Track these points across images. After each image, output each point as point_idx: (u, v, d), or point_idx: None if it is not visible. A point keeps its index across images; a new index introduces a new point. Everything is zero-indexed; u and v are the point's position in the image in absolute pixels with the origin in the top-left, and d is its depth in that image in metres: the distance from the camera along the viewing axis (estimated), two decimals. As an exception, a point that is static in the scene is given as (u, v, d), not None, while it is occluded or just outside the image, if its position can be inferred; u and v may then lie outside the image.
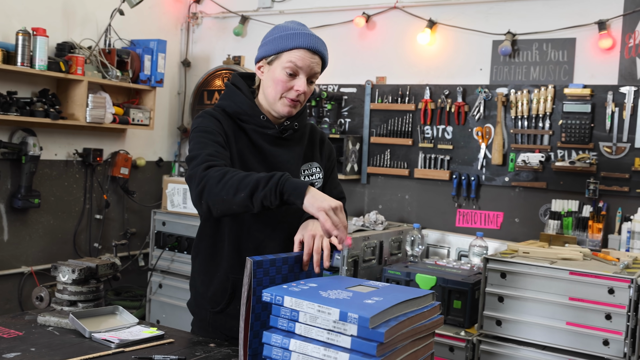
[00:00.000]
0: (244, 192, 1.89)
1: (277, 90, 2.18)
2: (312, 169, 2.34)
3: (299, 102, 2.20)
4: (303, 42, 2.15)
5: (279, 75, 2.16)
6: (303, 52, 2.15)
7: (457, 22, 4.54)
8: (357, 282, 1.76)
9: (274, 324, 1.58)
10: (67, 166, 4.75)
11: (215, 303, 2.27)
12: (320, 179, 2.35)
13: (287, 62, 2.14)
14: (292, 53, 2.15)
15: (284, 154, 2.28)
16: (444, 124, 4.54)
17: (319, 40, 2.20)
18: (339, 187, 2.44)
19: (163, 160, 5.58)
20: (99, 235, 5.01)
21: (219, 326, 2.28)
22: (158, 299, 4.77)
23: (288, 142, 2.30)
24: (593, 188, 3.99)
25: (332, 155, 2.46)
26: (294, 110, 2.22)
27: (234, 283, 2.22)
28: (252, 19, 5.38)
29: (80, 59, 4.38)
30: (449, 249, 4.39)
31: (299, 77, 2.16)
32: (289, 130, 2.27)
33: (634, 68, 4.00)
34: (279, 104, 2.20)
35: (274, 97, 2.20)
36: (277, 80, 2.17)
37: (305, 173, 2.32)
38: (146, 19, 5.26)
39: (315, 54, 2.17)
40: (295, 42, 2.15)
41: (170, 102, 5.65)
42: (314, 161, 2.36)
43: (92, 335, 2.09)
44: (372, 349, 1.44)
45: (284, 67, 2.15)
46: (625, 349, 3.06)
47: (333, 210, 1.82)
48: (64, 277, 2.31)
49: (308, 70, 2.16)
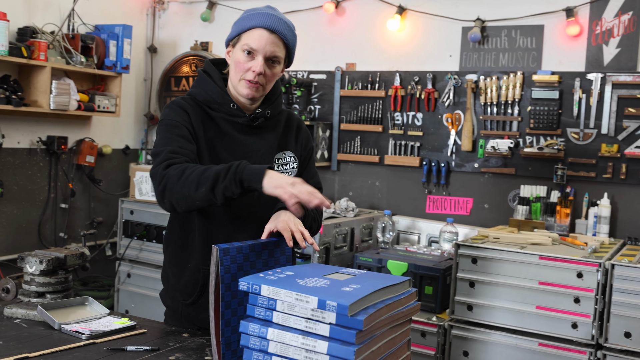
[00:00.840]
0: (205, 186, 1.90)
1: (237, 71, 2.16)
2: (286, 157, 2.30)
3: (259, 84, 2.14)
4: (260, 22, 2.11)
5: (238, 56, 2.14)
6: (260, 32, 2.11)
7: (427, 8, 4.53)
8: (334, 270, 1.74)
9: (251, 313, 1.56)
10: (31, 154, 4.65)
11: (186, 295, 2.25)
12: (294, 168, 2.31)
13: (244, 44, 2.12)
14: (249, 33, 2.12)
15: (255, 142, 2.23)
16: (414, 111, 4.54)
17: (280, 20, 2.14)
18: (315, 177, 2.40)
19: (130, 148, 5.50)
20: (64, 225, 4.92)
21: (191, 317, 2.26)
22: (127, 288, 4.71)
23: (260, 130, 2.26)
24: (561, 174, 4.03)
25: (309, 144, 2.41)
26: (255, 93, 2.16)
27: (204, 275, 2.20)
28: (219, 4, 5.31)
29: (42, 44, 4.28)
30: (419, 235, 4.40)
31: (256, 58, 2.12)
32: (260, 118, 2.23)
33: (600, 55, 4.03)
34: (240, 86, 2.17)
35: (235, 80, 2.18)
36: (237, 62, 2.15)
37: (279, 162, 2.28)
38: (110, 4, 5.16)
39: (273, 33, 2.12)
40: (252, 22, 2.13)
41: (136, 88, 5.57)
42: (288, 150, 2.31)
43: (62, 327, 2.05)
44: (351, 337, 1.42)
45: (242, 49, 2.13)
46: (593, 331, 3.11)
47: (292, 185, 1.84)
48: (32, 268, 2.25)
49: (265, 50, 2.11)
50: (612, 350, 3.10)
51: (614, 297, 3.07)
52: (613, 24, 4.00)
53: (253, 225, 2.20)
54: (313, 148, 2.45)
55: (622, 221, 3.93)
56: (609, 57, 4.01)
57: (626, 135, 3.91)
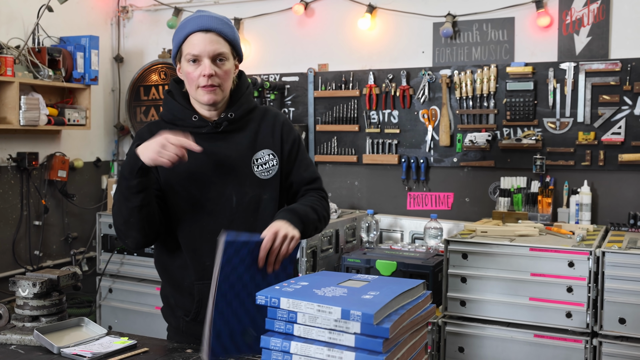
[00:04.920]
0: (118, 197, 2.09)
1: (191, 83, 2.16)
2: (264, 157, 2.24)
3: (215, 85, 2.13)
4: (192, 27, 2.12)
5: (186, 68, 2.15)
6: (195, 37, 2.10)
7: (397, 5, 4.53)
8: (347, 277, 1.72)
9: (271, 327, 1.53)
10: (1, 172, 4.53)
11: (186, 312, 2.24)
12: (274, 165, 2.25)
13: (186, 54, 2.13)
14: (187, 42, 2.13)
15: (226, 148, 2.20)
16: (390, 108, 4.53)
17: (211, 18, 2.13)
18: (310, 167, 2.36)
19: (101, 160, 5.39)
20: (39, 242, 4.80)
21: (193, 332, 2.22)
22: (109, 304, 4.61)
23: (230, 134, 2.22)
24: (540, 164, 4.06)
25: (292, 136, 2.33)
26: (215, 97, 2.15)
27: (199, 291, 2.19)
28: (186, 11, 5.23)
29: (9, 60, 4.17)
30: (402, 233, 4.40)
31: (203, 62, 2.11)
32: (223, 122, 2.20)
33: (572, 44, 4.07)
34: (198, 95, 2.16)
35: (193, 91, 2.17)
36: (187, 74, 2.15)
37: (257, 162, 2.22)
38: (74, 15, 5.05)
39: (209, 32, 2.11)
40: (185, 30, 2.13)
41: (104, 99, 5.46)
42: (266, 148, 2.25)
43: (62, 351, 1.99)
44: (379, 346, 1.40)
45: (186, 59, 2.13)
46: (588, 319, 3.14)
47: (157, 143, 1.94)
48: (24, 291, 2.18)
49: (207, 51, 2.10)
50: (607, 337, 3.12)
51: (607, 284, 3.10)
52: (583, 13, 4.05)
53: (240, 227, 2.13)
54: (298, 139, 2.36)
55: (602, 207, 3.98)
56: (580, 46, 4.05)
57: (602, 123, 3.96)
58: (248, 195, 2.19)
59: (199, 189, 2.18)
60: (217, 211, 2.18)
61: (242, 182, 2.20)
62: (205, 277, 2.17)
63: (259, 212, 2.21)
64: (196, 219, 2.19)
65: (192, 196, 2.18)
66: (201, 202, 2.19)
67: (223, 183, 2.18)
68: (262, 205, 2.21)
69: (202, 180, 2.18)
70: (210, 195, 2.18)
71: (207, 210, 2.19)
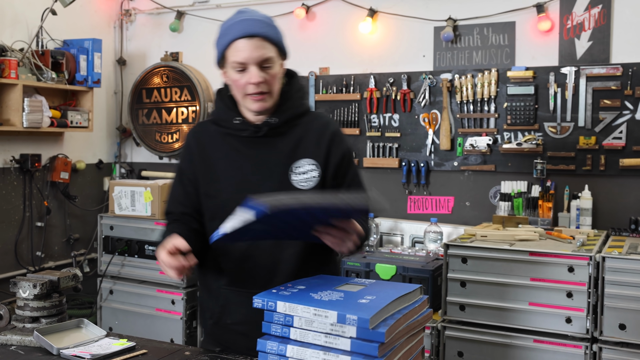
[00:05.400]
0: None
1: (238, 90, 2.11)
2: (305, 166, 2.15)
3: (263, 92, 2.07)
4: (236, 33, 2.04)
5: (232, 76, 2.09)
6: (239, 44, 2.03)
7: (398, 9, 4.54)
8: (344, 281, 1.73)
9: (267, 330, 1.54)
10: (4, 174, 4.55)
11: (212, 314, 2.25)
12: (315, 177, 2.14)
13: (232, 62, 2.07)
14: (231, 50, 2.06)
15: (265, 154, 2.16)
16: (391, 112, 4.54)
17: (254, 22, 2.06)
18: (360, 187, 2.23)
19: (103, 162, 5.41)
20: (41, 244, 4.82)
21: (217, 337, 2.26)
22: (109, 305, 4.63)
23: (272, 139, 2.16)
24: (540, 168, 4.06)
25: (341, 149, 2.20)
26: (265, 103, 2.10)
27: (225, 296, 2.19)
28: (188, 14, 5.26)
29: (13, 62, 4.19)
30: (402, 236, 4.40)
31: (249, 70, 2.05)
32: (264, 128, 2.14)
33: (573, 49, 4.08)
34: (247, 102, 2.12)
35: (241, 99, 2.13)
36: (234, 81, 2.10)
37: (297, 171, 2.15)
38: (77, 18, 5.07)
39: (253, 37, 2.03)
40: (229, 36, 2.06)
41: (107, 102, 5.48)
42: (308, 157, 2.15)
43: (61, 352, 2.00)
44: (374, 350, 1.41)
45: (232, 67, 2.07)
46: (588, 324, 3.14)
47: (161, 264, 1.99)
48: (25, 292, 2.20)
49: (253, 58, 2.03)
50: (607, 343, 3.12)
51: (607, 289, 3.09)
52: (584, 17, 4.05)
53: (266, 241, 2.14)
54: (348, 153, 2.24)
55: (603, 212, 3.98)
56: (581, 51, 4.06)
57: (603, 127, 3.96)
58: None
59: (234, 193, 2.13)
60: None
61: (277, 191, 2.10)
62: (232, 283, 2.19)
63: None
64: None
65: (225, 200, 2.14)
66: (233, 207, 2.13)
67: (258, 190, 2.09)
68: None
69: (238, 185, 2.15)
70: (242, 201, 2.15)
71: None
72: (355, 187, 2.21)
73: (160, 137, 5.20)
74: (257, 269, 2.14)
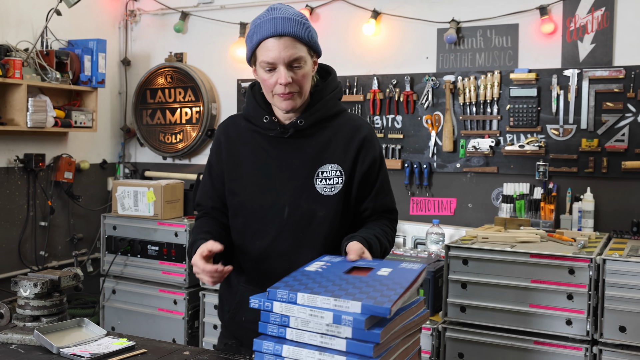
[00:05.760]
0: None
1: (267, 89, 2.08)
2: (330, 171, 2.10)
3: (293, 92, 2.03)
4: (265, 32, 1.99)
5: (262, 75, 2.06)
6: (269, 42, 1.99)
7: (401, 11, 4.55)
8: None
9: (264, 330, 1.55)
10: (8, 173, 4.57)
11: (229, 309, 2.28)
12: (339, 183, 2.10)
13: (260, 61, 2.04)
14: (261, 48, 2.02)
15: (290, 156, 2.12)
16: (394, 114, 4.55)
17: (284, 20, 2.00)
18: (386, 198, 2.20)
19: (107, 162, 5.43)
20: (44, 243, 4.84)
21: (232, 331, 2.30)
22: (112, 305, 4.65)
23: (299, 141, 2.13)
24: (543, 170, 4.06)
25: (371, 155, 2.15)
26: (294, 102, 2.06)
27: (242, 293, 2.21)
28: (192, 15, 5.27)
29: (17, 62, 4.22)
30: (404, 238, 4.41)
31: (278, 69, 2.00)
32: (290, 129, 2.11)
33: (575, 51, 4.08)
34: (276, 102, 2.09)
35: (269, 97, 2.11)
36: (263, 80, 2.07)
37: (322, 176, 2.11)
38: (82, 19, 5.09)
39: (283, 37, 1.98)
40: (258, 35, 2.02)
41: (111, 102, 5.50)
42: (334, 162, 2.11)
43: (61, 351, 2.02)
44: (369, 350, 1.42)
45: (262, 67, 2.04)
46: (588, 327, 3.14)
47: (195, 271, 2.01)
48: (26, 291, 2.21)
49: (282, 59, 1.98)
50: (607, 345, 3.12)
51: (607, 292, 3.10)
52: (587, 20, 4.05)
53: (284, 244, 2.15)
54: (379, 160, 2.19)
55: (605, 215, 3.98)
56: (584, 53, 4.06)
57: (605, 130, 3.96)
58: (301, 209, 2.10)
59: (256, 193, 2.14)
60: (268, 219, 2.13)
61: (299, 194, 2.11)
62: (250, 281, 2.21)
63: (310, 229, 2.11)
64: (249, 223, 2.16)
65: (248, 199, 2.15)
66: (254, 207, 2.15)
67: (280, 191, 2.12)
68: (314, 222, 2.10)
69: (261, 185, 2.14)
70: (264, 202, 2.13)
71: (259, 217, 2.14)
72: (384, 194, 2.20)
73: (164, 138, 5.22)
74: (272, 270, 2.12)
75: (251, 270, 2.20)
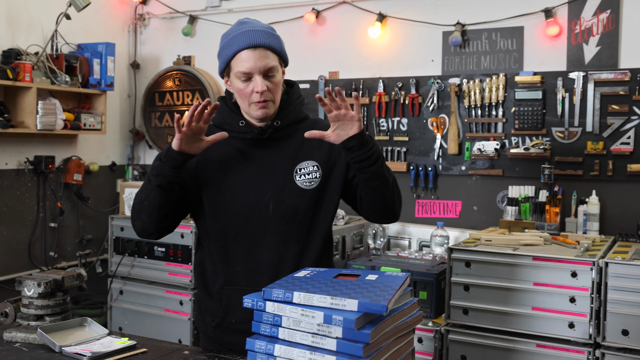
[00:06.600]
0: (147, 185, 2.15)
1: (243, 99, 2.17)
2: (308, 167, 2.21)
3: (267, 100, 2.13)
4: (240, 44, 2.11)
5: (237, 85, 2.15)
6: (244, 54, 2.10)
7: (407, 14, 4.57)
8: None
9: (257, 329, 1.57)
10: (19, 175, 4.63)
11: (213, 316, 2.27)
12: (317, 178, 2.21)
13: (236, 72, 2.13)
14: (236, 60, 2.12)
15: (270, 155, 2.22)
16: (399, 116, 4.56)
17: (257, 32, 2.12)
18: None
19: (116, 164, 5.49)
20: (54, 244, 4.90)
21: (219, 339, 2.28)
22: (119, 305, 4.69)
23: (275, 142, 2.23)
24: (548, 173, 4.06)
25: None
26: (269, 110, 2.16)
27: (228, 296, 2.22)
28: (200, 19, 5.32)
29: (27, 66, 4.27)
30: (409, 240, 4.42)
31: (254, 79, 2.11)
32: (268, 130, 2.20)
33: (581, 54, 4.08)
34: (251, 110, 2.17)
35: (245, 106, 2.19)
36: (238, 90, 2.16)
37: (300, 172, 2.21)
38: (92, 22, 5.15)
39: (257, 48, 2.10)
40: (233, 48, 2.12)
41: (120, 105, 5.56)
42: (310, 159, 2.22)
43: (63, 350, 2.05)
44: (359, 350, 1.44)
45: (236, 77, 2.14)
46: (591, 330, 3.14)
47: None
48: (30, 291, 2.25)
49: (258, 68, 2.10)
50: (610, 349, 3.11)
51: (610, 295, 3.09)
52: (592, 22, 4.06)
53: (271, 239, 2.20)
54: None
55: (611, 218, 3.97)
56: (589, 56, 4.06)
57: (611, 132, 3.96)
58: (285, 203, 2.19)
59: (238, 193, 2.20)
60: (254, 217, 2.19)
61: (282, 190, 2.19)
62: (234, 282, 2.22)
63: (295, 223, 2.20)
64: (232, 223, 2.21)
65: (230, 199, 2.21)
66: (238, 206, 2.20)
67: (262, 189, 2.20)
68: (299, 215, 2.20)
69: (242, 185, 2.21)
70: (248, 200, 2.20)
71: (243, 215, 2.20)
72: None
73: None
74: (261, 265, 2.19)
75: (235, 271, 2.22)
